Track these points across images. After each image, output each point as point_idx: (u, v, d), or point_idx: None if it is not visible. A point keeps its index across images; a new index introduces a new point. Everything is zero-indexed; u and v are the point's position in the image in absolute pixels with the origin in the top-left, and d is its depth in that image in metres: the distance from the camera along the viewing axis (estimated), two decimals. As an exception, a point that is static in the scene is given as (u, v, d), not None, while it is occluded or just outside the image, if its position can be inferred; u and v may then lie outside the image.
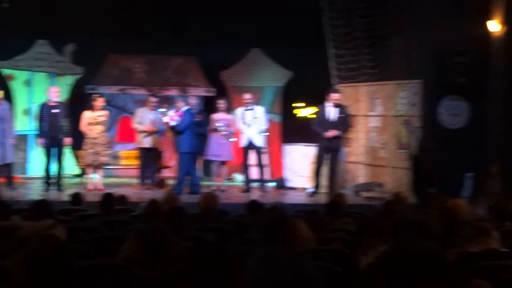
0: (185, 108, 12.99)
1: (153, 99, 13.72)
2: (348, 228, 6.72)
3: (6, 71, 15.36)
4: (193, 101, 13.58)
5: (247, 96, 13.63)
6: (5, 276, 3.57)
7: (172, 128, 12.95)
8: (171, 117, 12.80)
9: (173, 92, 16.25)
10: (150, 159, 13.71)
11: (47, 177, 13.07)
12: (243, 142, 13.52)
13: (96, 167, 13.09)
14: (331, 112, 12.79)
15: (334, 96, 12.81)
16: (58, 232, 5.69)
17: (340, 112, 12.79)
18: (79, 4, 14.69)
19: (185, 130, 12.82)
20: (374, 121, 13.91)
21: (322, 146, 12.81)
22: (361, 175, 14.02)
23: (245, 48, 16.39)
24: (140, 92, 15.61)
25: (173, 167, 14.47)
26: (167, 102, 16.23)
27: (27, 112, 15.47)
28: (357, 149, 14.15)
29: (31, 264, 3.26)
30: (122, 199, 8.97)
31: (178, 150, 13.09)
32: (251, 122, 13.40)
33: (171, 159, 15.11)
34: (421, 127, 12.66)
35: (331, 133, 12.60)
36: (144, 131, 13.51)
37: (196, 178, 13.11)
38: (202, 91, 16.26)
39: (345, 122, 12.88)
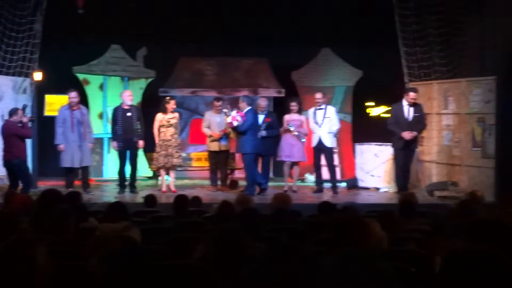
0: (248, 108, 13.00)
1: (218, 103, 13.76)
2: (422, 228, 6.62)
3: (81, 76, 15.69)
4: (263, 102, 13.57)
5: (318, 95, 13.54)
6: (85, 275, 3.66)
7: (235, 128, 12.98)
8: (234, 118, 12.82)
9: (244, 93, 16.32)
10: (220, 161, 13.77)
11: (122, 180, 13.28)
12: (314, 142, 13.46)
13: (169, 169, 13.24)
14: (408, 111, 12.62)
15: (412, 95, 12.65)
16: (133, 233, 5.77)
17: (416, 111, 12.62)
18: (151, 9, 14.88)
19: (248, 130, 12.83)
20: (447, 119, 13.69)
21: (399, 146, 12.64)
22: (434, 174, 13.80)
23: (316, 48, 16.36)
24: (212, 94, 15.72)
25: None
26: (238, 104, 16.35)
27: (101, 116, 15.77)
28: (430, 148, 13.93)
29: (110, 265, 3.33)
30: (196, 200, 9.04)
31: (240, 151, 13.11)
32: (322, 122, 13.32)
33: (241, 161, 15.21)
34: (496, 124, 12.38)
35: (409, 134, 12.42)
36: (211, 136, 13.59)
37: (260, 177, 13.10)
38: (273, 92, 16.31)
39: (420, 121, 12.73)
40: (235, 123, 12.79)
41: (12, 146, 11.56)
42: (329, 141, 13.37)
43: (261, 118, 13.25)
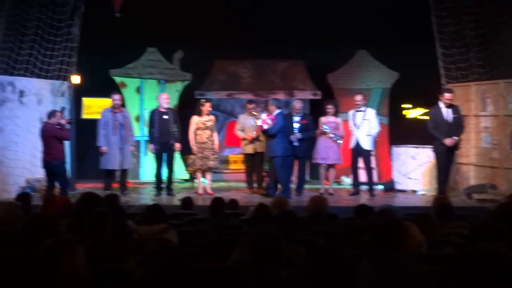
0: (277, 111, 12.97)
1: (250, 105, 13.77)
2: (460, 231, 6.56)
3: (118, 79, 15.81)
4: (298, 104, 13.52)
5: (358, 97, 13.41)
6: (123, 278, 3.68)
7: (265, 131, 12.95)
8: (264, 121, 12.81)
9: (280, 96, 16.33)
10: (255, 163, 13.78)
11: (159, 182, 13.33)
12: (352, 144, 13.39)
13: (205, 171, 13.26)
14: (446, 113, 12.43)
15: (447, 96, 12.46)
16: (170, 236, 5.80)
17: (454, 113, 12.36)
18: (187, 12, 14.95)
19: (278, 133, 12.79)
20: (485, 121, 13.54)
21: (440, 151, 12.41)
22: (472, 177, 13.65)
23: (352, 49, 16.30)
24: (247, 96, 15.72)
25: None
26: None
27: (138, 118, 15.87)
28: (468, 150, 13.77)
29: (147, 267, 3.35)
30: (232, 203, 9.05)
31: (270, 154, 13.05)
32: (361, 124, 13.24)
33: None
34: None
35: (451, 141, 12.21)
36: (245, 139, 13.62)
37: (285, 183, 12.93)
38: (308, 95, 16.29)
39: (459, 123, 12.46)
40: (265, 126, 12.79)
41: (51, 148, 11.68)
42: (367, 144, 13.28)
43: (296, 120, 13.21)
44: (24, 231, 5.14)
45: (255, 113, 13.22)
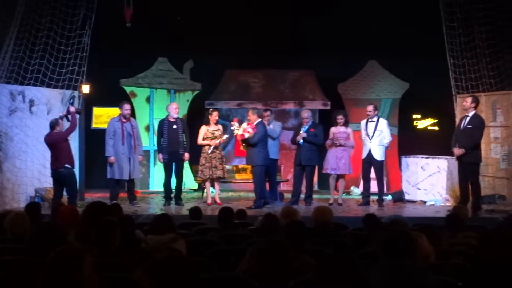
0: (258, 120, 12.90)
1: (266, 113, 13.71)
2: (470, 242, 6.53)
3: (128, 89, 15.86)
4: (305, 114, 13.48)
5: (370, 108, 13.32)
6: (132, 286, 3.68)
7: (246, 140, 12.89)
8: (245, 130, 12.75)
9: (289, 106, 16.35)
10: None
11: (167, 192, 13.32)
12: (364, 155, 13.35)
13: (214, 181, 13.24)
14: (463, 122, 12.18)
15: (464, 103, 12.32)
16: (179, 246, 5.79)
17: (469, 123, 12.07)
18: (197, 22, 15.00)
19: (258, 143, 12.77)
20: (495, 132, 13.49)
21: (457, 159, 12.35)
22: (482, 188, 13.58)
23: (362, 60, 16.30)
24: (258, 106, 15.69)
25: (290, 181, 14.51)
26: (285, 115, 16.37)
27: (148, 128, 15.91)
28: (478, 161, 13.73)
29: (157, 277, 3.34)
30: (241, 213, 9.04)
31: (250, 163, 12.99)
32: (373, 134, 13.20)
33: (288, 173, 15.20)
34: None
35: (456, 151, 12.14)
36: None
37: (260, 192, 12.84)
38: (318, 104, 16.31)
39: (470, 134, 12.06)
40: (246, 135, 12.74)
41: (58, 155, 11.54)
42: (379, 154, 13.22)
43: (304, 130, 13.17)
44: (32, 240, 5.15)
45: (235, 122, 13.12)
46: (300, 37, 15.40)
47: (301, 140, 13.02)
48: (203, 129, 13.12)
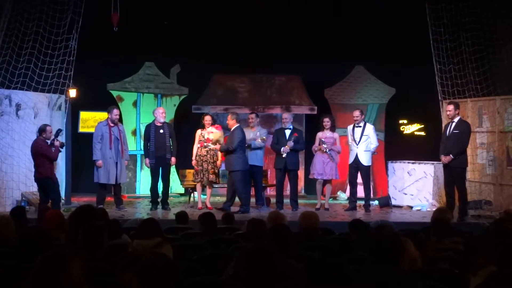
0: (236, 125, 12.88)
1: (251, 116, 13.69)
2: (456, 247, 6.55)
3: (115, 93, 15.83)
4: (285, 115, 13.51)
5: (356, 113, 13.35)
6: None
7: (225, 150, 12.84)
8: (208, 140, 12.90)
9: (276, 110, 16.37)
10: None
11: (154, 196, 13.30)
12: (350, 160, 13.37)
13: (205, 185, 13.21)
14: (449, 128, 12.24)
15: (446, 109, 12.39)
16: (166, 250, 5.78)
17: (455, 128, 12.12)
18: (184, 27, 15.00)
19: (237, 148, 12.72)
20: (481, 137, 13.56)
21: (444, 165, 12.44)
22: (468, 193, 13.61)
23: (349, 65, 16.34)
24: (244, 111, 15.70)
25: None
26: (271, 120, 16.38)
27: (135, 132, 15.88)
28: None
29: (144, 281, 3.34)
30: (227, 217, 9.04)
31: (229, 168, 12.95)
32: (359, 139, 13.22)
33: (274, 178, 15.17)
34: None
35: (443, 159, 12.17)
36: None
37: (245, 197, 12.87)
38: (305, 109, 16.34)
39: (457, 140, 12.07)
40: (211, 136, 12.93)
41: (40, 166, 11.54)
42: (366, 159, 13.26)
43: (288, 133, 13.19)
44: (18, 244, 5.13)
45: (209, 144, 13.06)
46: (286, 42, 15.41)
47: (285, 154, 13.02)
48: (198, 133, 13.11)
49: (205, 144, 12.98)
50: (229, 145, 12.74)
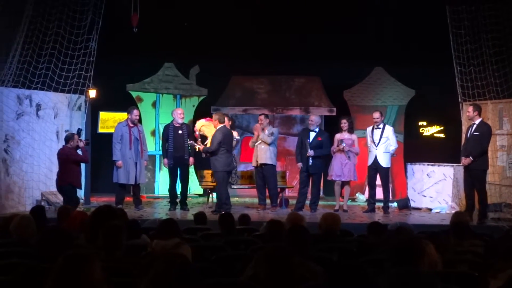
0: (220, 125, 12.71)
1: (260, 117, 13.67)
2: (476, 250, 6.51)
3: (135, 94, 15.89)
4: (312, 116, 13.40)
5: (376, 115, 13.33)
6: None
7: (207, 151, 12.79)
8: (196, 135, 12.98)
9: (295, 112, 16.36)
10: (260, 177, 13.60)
11: (173, 197, 13.34)
12: (369, 161, 13.35)
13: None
14: (469, 130, 12.23)
15: (466, 112, 12.31)
16: (184, 250, 5.79)
17: (475, 130, 12.10)
18: (203, 28, 15.02)
19: (216, 150, 12.58)
20: (501, 140, 13.46)
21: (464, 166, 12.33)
22: (488, 196, 13.54)
23: (368, 66, 16.30)
24: (264, 112, 15.64)
25: (296, 187, 14.48)
26: (290, 122, 16.37)
27: (154, 133, 15.93)
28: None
29: (161, 282, 3.35)
30: (244, 218, 9.03)
31: (212, 168, 12.85)
32: (379, 141, 13.18)
33: (293, 179, 15.17)
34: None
35: (463, 160, 12.12)
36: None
37: (221, 199, 12.76)
38: (324, 111, 16.31)
39: (477, 142, 12.03)
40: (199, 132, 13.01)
41: (65, 172, 11.61)
42: (385, 161, 13.21)
43: (312, 135, 13.17)
44: (39, 244, 5.16)
45: (196, 144, 13.05)
46: (306, 43, 15.40)
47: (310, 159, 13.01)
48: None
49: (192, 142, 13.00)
50: (210, 146, 12.71)
